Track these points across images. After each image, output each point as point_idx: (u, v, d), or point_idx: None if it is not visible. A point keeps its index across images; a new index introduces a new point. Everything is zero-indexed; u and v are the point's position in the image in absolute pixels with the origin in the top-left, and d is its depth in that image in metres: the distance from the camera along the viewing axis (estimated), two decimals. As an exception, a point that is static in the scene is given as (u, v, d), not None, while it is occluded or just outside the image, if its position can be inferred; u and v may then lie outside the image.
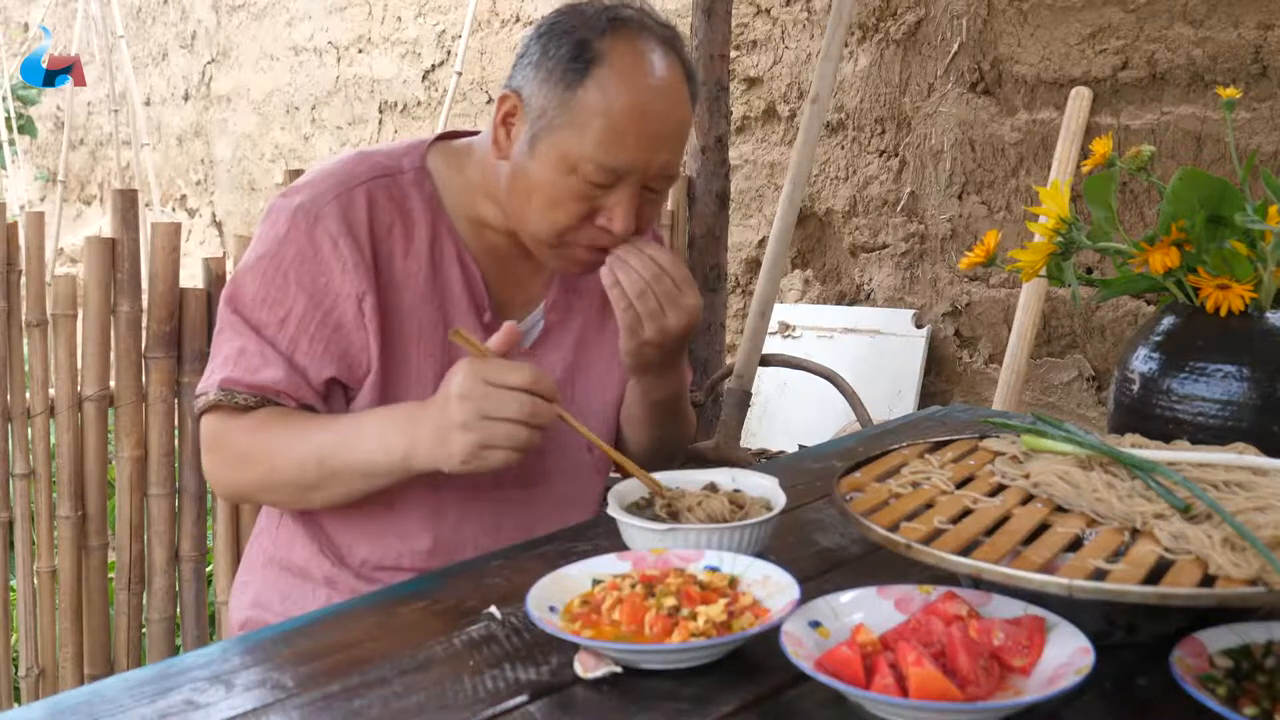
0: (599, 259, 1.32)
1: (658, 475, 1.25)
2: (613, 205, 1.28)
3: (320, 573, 1.37)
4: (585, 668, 0.92)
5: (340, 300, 1.30)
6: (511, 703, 0.89)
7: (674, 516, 1.18)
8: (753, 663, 0.94)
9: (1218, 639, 0.90)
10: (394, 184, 1.35)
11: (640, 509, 1.20)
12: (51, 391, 2.23)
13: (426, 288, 1.34)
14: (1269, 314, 1.22)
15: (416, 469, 1.22)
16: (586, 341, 1.46)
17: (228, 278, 2.13)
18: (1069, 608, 0.90)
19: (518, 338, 1.22)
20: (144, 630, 2.22)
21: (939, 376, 3.30)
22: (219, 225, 6.12)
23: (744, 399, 2.82)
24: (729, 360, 3.07)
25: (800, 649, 0.87)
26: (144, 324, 2.12)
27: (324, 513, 1.37)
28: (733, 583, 1.02)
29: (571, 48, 1.26)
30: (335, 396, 1.34)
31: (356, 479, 1.27)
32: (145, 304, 2.11)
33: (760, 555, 1.08)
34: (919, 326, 3.30)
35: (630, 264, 1.28)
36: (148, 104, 6.32)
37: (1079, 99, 2.88)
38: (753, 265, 3.73)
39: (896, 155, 3.36)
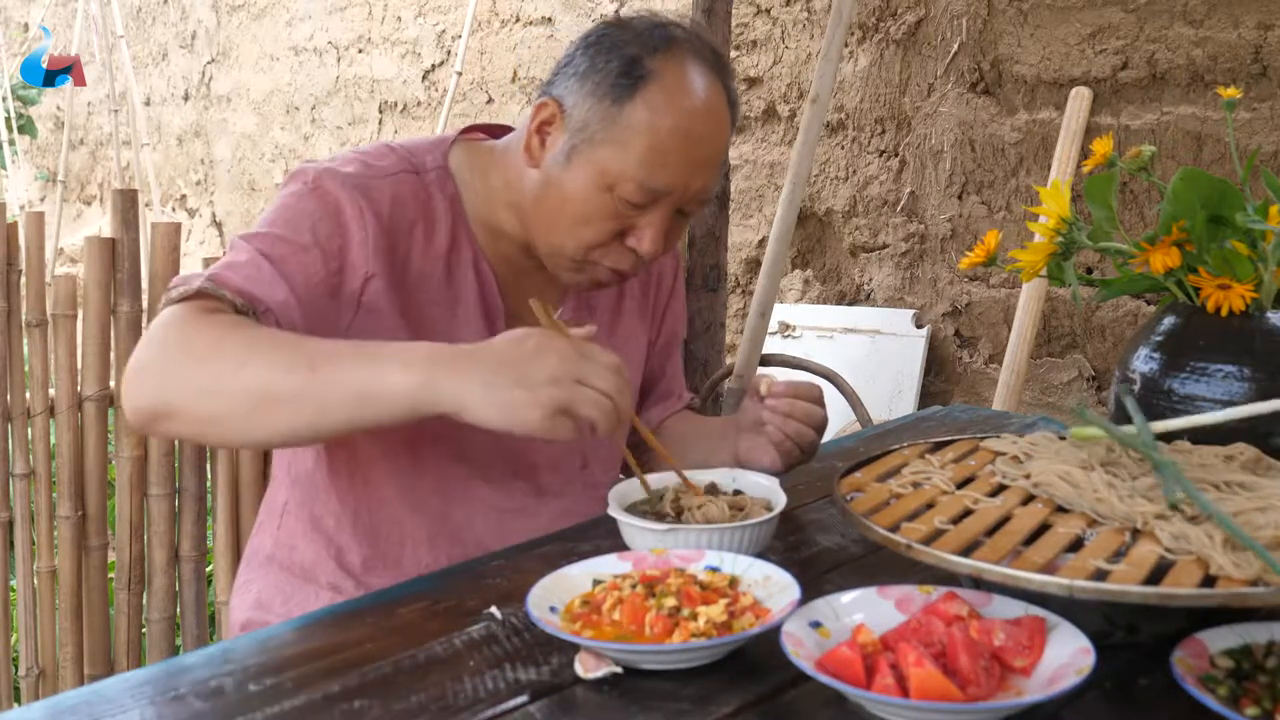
0: (615, 280, 1.33)
1: (655, 476, 1.25)
2: (644, 226, 1.26)
3: (325, 578, 1.36)
4: (586, 668, 0.92)
5: (347, 269, 1.23)
6: (512, 703, 0.89)
7: (677, 516, 1.19)
8: (753, 663, 0.94)
9: (1219, 639, 0.90)
10: (418, 181, 1.31)
11: (641, 509, 1.20)
12: (51, 391, 2.23)
13: (439, 291, 1.31)
14: (1270, 314, 1.22)
15: (432, 409, 1.05)
16: None
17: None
18: (1069, 608, 0.90)
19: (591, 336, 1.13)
20: (144, 630, 2.22)
21: (939, 376, 3.30)
22: (219, 225, 6.12)
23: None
24: (729, 360, 3.07)
25: (801, 649, 0.87)
26: (144, 324, 2.12)
27: (328, 517, 1.36)
28: (733, 583, 1.02)
29: (622, 63, 1.23)
30: None
31: (342, 403, 1.05)
32: (145, 304, 2.11)
33: (761, 555, 1.08)
34: (919, 326, 3.30)
35: (798, 423, 1.32)
36: (148, 104, 6.32)
37: (1079, 99, 2.88)
38: (753, 265, 3.73)
39: (896, 155, 3.35)
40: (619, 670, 0.92)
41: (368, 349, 1.10)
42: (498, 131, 1.42)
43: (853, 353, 3.33)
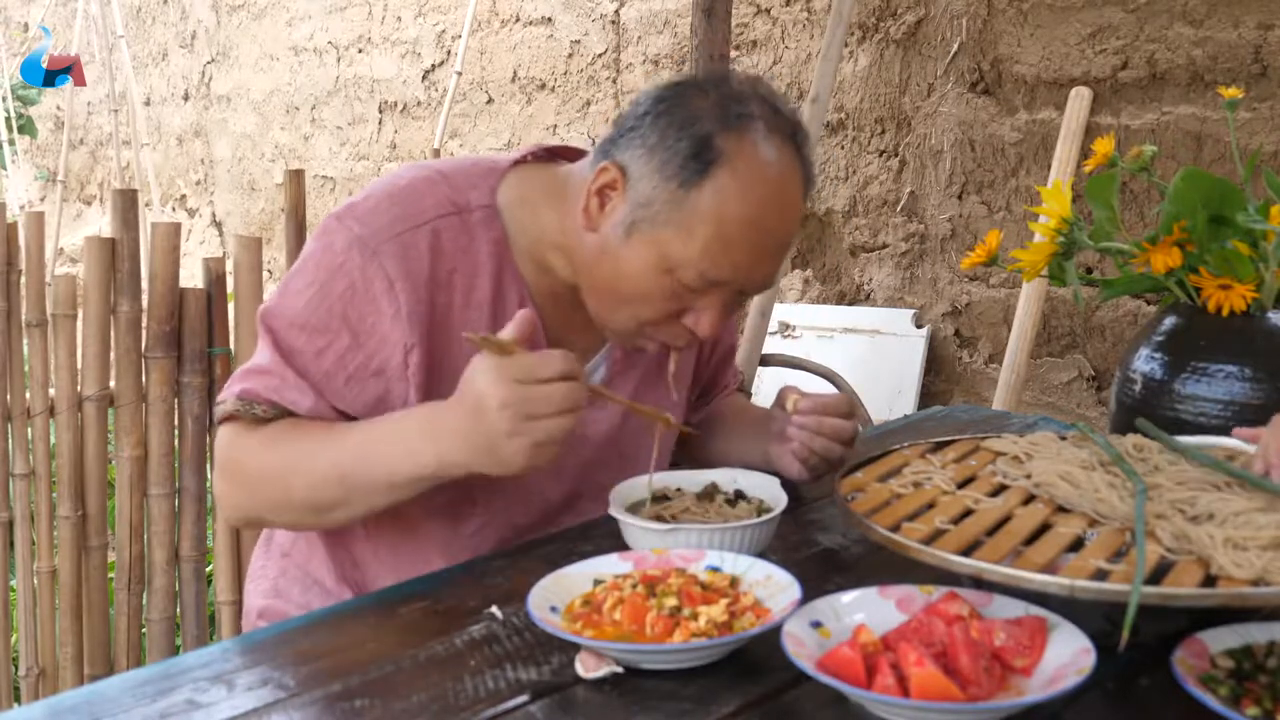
0: (666, 350, 1.30)
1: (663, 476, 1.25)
2: (702, 309, 1.21)
3: (338, 594, 1.34)
4: (586, 668, 0.92)
5: (385, 345, 1.21)
6: (512, 703, 0.89)
7: (675, 517, 1.18)
8: (754, 663, 0.94)
9: (1219, 639, 0.90)
10: (461, 224, 1.24)
11: (642, 509, 1.20)
12: (51, 391, 2.23)
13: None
14: (1271, 314, 1.22)
15: (452, 476, 1.15)
16: (645, 385, 1.39)
17: (228, 278, 2.14)
18: (1070, 608, 0.90)
19: (533, 326, 1.12)
20: (144, 630, 2.22)
21: (939, 376, 3.30)
22: (219, 225, 6.12)
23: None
24: (729, 360, 3.07)
25: (801, 649, 0.87)
26: (144, 324, 2.12)
27: (343, 535, 1.33)
28: (734, 583, 1.02)
29: (693, 142, 1.16)
30: None
31: (380, 492, 1.18)
32: (145, 304, 2.11)
33: (761, 555, 1.08)
34: (919, 326, 3.30)
35: (826, 440, 1.29)
36: (148, 104, 6.32)
37: (1079, 99, 2.88)
38: (753, 265, 3.72)
39: (896, 155, 3.35)
40: (619, 670, 0.92)
41: (371, 447, 1.17)
42: (561, 153, 1.35)
43: (853, 353, 3.32)
